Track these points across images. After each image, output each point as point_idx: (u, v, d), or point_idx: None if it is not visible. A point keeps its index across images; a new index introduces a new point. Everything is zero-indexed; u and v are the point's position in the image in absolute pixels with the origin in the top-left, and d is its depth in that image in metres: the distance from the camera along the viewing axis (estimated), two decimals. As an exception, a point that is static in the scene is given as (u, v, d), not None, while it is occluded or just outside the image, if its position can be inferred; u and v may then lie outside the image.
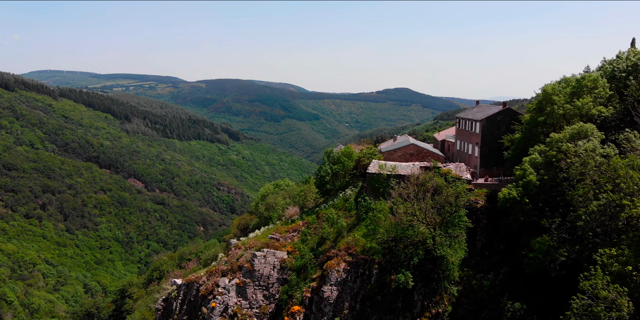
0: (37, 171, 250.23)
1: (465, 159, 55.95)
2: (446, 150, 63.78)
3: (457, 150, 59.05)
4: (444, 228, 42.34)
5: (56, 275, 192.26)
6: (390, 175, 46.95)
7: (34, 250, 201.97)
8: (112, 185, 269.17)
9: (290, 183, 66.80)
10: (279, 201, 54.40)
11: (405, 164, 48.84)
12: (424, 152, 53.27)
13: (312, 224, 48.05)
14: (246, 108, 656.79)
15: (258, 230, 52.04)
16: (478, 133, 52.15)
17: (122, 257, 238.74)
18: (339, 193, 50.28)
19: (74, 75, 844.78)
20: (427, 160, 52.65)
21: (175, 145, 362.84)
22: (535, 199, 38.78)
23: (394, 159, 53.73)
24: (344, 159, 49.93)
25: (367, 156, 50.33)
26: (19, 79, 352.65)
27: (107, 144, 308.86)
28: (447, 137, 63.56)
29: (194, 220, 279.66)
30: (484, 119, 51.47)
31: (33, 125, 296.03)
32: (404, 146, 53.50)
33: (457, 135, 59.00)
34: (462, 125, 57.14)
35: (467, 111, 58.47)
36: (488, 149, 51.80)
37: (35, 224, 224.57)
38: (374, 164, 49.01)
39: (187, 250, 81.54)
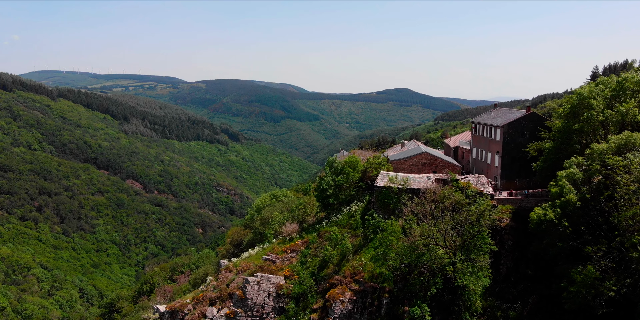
0: (34, 173, 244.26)
1: (483, 169, 49.79)
2: (460, 158, 57.59)
3: (473, 159, 52.88)
4: (465, 252, 36.24)
5: (51, 279, 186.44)
6: (401, 189, 40.78)
7: (29, 254, 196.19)
8: (110, 187, 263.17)
9: (289, 193, 60.65)
10: (275, 215, 48.34)
11: (419, 176, 42.62)
12: (437, 162, 47.14)
13: (312, 243, 41.93)
14: (246, 108, 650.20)
15: (252, 249, 45.88)
16: (499, 140, 46.01)
17: (119, 260, 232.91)
18: (343, 208, 44.16)
19: (74, 76, 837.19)
20: (442, 170, 46.51)
21: (175, 146, 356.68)
22: (575, 220, 32.75)
23: (404, 168, 47.57)
24: (349, 170, 43.81)
25: (375, 166, 44.17)
26: (17, 79, 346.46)
27: (105, 145, 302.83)
28: (461, 143, 57.35)
29: (193, 222, 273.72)
30: (505, 125, 45.31)
31: (30, 126, 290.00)
32: (415, 155, 47.33)
33: (473, 142, 52.81)
34: (479, 131, 50.96)
35: (485, 115, 52.27)
36: (510, 158, 45.68)
37: (31, 227, 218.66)
38: (383, 175, 42.82)
39: (180, 261, 75.40)
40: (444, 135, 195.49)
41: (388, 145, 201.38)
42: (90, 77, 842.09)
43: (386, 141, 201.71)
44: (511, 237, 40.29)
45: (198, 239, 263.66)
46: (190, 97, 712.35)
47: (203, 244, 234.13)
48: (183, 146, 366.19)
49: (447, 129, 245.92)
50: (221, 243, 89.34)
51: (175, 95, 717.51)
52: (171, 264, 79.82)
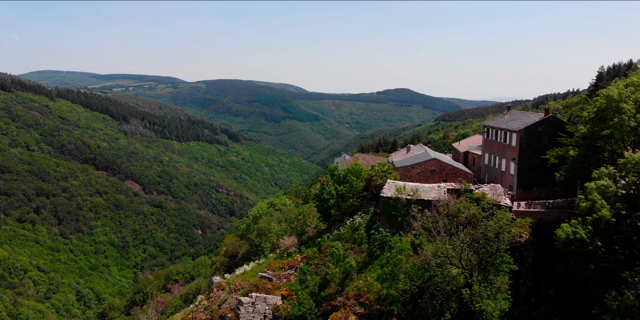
0: (31, 174, 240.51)
1: (497, 177, 45.92)
2: (470, 164, 53.63)
3: (485, 165, 48.97)
4: (482, 272, 32.42)
5: (48, 282, 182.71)
6: (410, 201, 36.88)
7: (26, 256, 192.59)
8: (108, 188, 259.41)
9: (287, 201, 56.61)
10: (272, 227, 44.45)
11: (429, 186, 38.72)
12: (447, 169, 43.28)
13: (312, 259, 38.10)
14: (246, 109, 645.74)
15: (247, 264, 42.02)
16: (515, 146, 42.12)
17: (118, 262, 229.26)
18: (346, 220, 40.30)
19: (74, 76, 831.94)
20: (453, 179, 42.65)
21: (174, 147, 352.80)
22: (608, 239, 28.95)
23: (412, 176, 43.70)
24: (352, 179, 39.95)
25: (380, 175, 40.30)
26: (16, 79, 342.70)
27: (104, 146, 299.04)
28: (472, 148, 53.35)
29: (192, 224, 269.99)
30: (522, 130, 41.41)
31: (29, 126, 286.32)
32: (423, 161, 43.44)
33: (486, 147, 48.88)
34: (492, 135, 47.04)
35: (498, 119, 48.29)
36: (527, 165, 41.78)
37: (28, 229, 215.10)
38: (390, 185, 38.91)
39: (174, 269, 71.55)
40: (445, 136, 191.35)
41: (389, 147, 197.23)
42: (90, 77, 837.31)
43: (387, 142, 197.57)
44: (531, 254, 36.40)
45: (197, 241, 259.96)
46: (190, 98, 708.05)
47: (202, 246, 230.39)
48: (182, 147, 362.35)
49: (448, 130, 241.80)
50: (217, 251, 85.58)
51: (175, 96, 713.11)
52: (165, 272, 76.01)
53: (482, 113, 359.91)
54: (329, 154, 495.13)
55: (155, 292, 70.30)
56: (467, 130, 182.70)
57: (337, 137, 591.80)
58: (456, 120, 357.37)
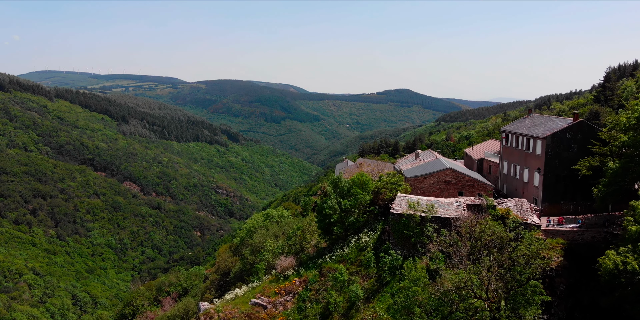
0: (28, 175, 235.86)
1: (517, 188, 41.01)
2: (485, 173, 48.68)
3: (503, 175, 44.06)
4: (510, 304, 27.56)
5: (43, 286, 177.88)
6: (425, 219, 31.92)
7: (21, 259, 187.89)
8: (106, 189, 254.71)
9: (285, 213, 51.57)
10: (268, 244, 39.56)
11: (446, 201, 33.77)
12: (464, 180, 38.41)
13: (312, 283, 33.23)
14: (246, 109, 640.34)
15: (239, 287, 37.15)
16: (540, 155, 37.21)
17: (115, 264, 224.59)
18: (351, 238, 35.43)
19: (74, 76, 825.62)
20: (470, 191, 37.76)
21: (173, 147, 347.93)
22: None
23: (424, 187, 38.81)
24: (357, 191, 35.07)
25: (389, 187, 35.43)
26: (14, 79, 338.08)
27: (102, 146, 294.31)
28: (487, 155, 48.35)
29: (191, 225, 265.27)
30: (548, 137, 36.49)
31: (27, 127, 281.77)
32: (437, 171, 38.55)
33: (504, 155, 43.95)
34: (512, 142, 42.12)
35: (518, 124, 43.30)
36: (554, 177, 36.87)
37: (24, 231, 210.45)
38: (401, 199, 33.96)
39: (167, 280, 66.70)
40: (448, 138, 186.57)
41: (391, 148, 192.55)
42: (90, 78, 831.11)
43: (389, 144, 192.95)
44: (564, 281, 31.40)
45: (196, 243, 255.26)
46: (190, 98, 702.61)
47: (200, 249, 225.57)
48: (182, 147, 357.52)
49: (450, 131, 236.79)
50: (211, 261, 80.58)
51: (175, 96, 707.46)
52: (157, 283, 71.14)
53: (483, 114, 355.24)
54: (329, 155, 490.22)
55: (146, 306, 65.43)
56: (470, 132, 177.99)
57: (337, 138, 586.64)
58: (457, 121, 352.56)
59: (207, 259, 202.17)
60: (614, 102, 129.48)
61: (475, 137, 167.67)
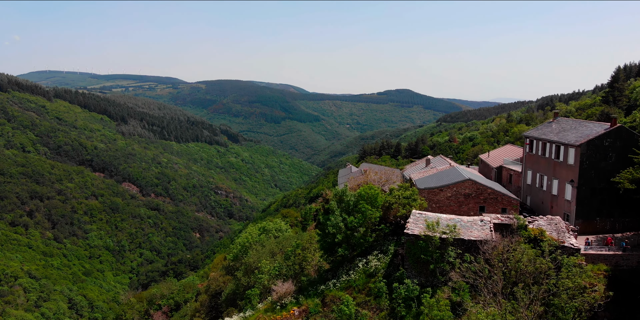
0: (25, 176, 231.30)
1: (544, 201, 36.21)
2: (505, 182, 43.79)
3: (527, 186, 39.23)
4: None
5: (39, 289, 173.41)
6: (446, 241, 27.07)
7: (17, 262, 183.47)
8: (104, 190, 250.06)
9: (283, 226, 46.40)
10: (263, 265, 34.76)
11: (469, 220, 28.92)
12: (486, 193, 33.58)
13: (314, 314, 28.47)
14: (246, 109, 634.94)
15: (230, 316, 32.50)
16: (572, 164, 32.44)
17: (113, 266, 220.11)
18: (358, 261, 30.64)
19: (74, 76, 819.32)
20: (493, 205, 32.96)
21: (173, 148, 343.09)
22: None
23: (440, 201, 34.02)
24: (365, 207, 30.28)
25: (402, 202, 30.61)
26: (13, 79, 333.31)
27: (101, 147, 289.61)
28: (507, 163, 43.42)
29: (190, 227, 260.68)
30: (583, 144, 31.69)
31: (25, 127, 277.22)
32: (455, 182, 33.73)
33: (528, 163, 39.09)
34: (538, 149, 37.30)
35: (544, 128, 38.37)
36: (589, 190, 32.10)
37: (21, 233, 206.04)
38: (417, 218, 29.10)
39: (158, 292, 61.98)
40: (451, 139, 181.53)
41: (392, 150, 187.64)
42: (90, 78, 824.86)
43: (390, 145, 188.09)
44: (608, 315, 26.51)
45: (195, 244, 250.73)
46: (190, 98, 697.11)
47: (199, 251, 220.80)
48: (181, 148, 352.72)
49: (452, 132, 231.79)
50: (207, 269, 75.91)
51: (175, 96, 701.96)
52: (149, 295, 66.43)
53: (484, 114, 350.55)
54: (330, 155, 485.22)
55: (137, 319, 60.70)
56: (473, 133, 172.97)
57: (337, 138, 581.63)
58: (458, 121, 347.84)
59: (205, 261, 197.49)
60: (622, 103, 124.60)
61: (479, 139, 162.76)
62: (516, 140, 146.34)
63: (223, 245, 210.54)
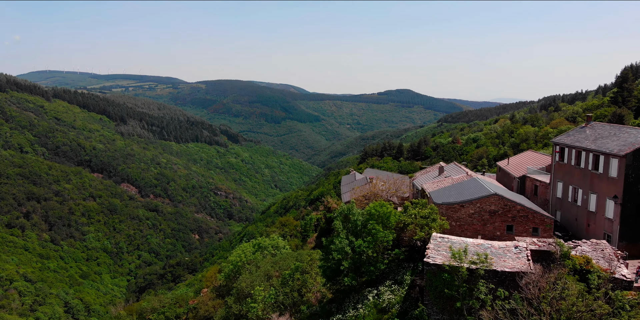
0: (22, 177, 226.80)
1: (579, 218, 31.48)
2: (529, 194, 38.92)
3: (556, 199, 34.44)
4: None
5: (34, 293, 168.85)
6: (474, 273, 22.26)
7: (13, 264, 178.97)
8: (103, 192, 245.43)
9: (280, 242, 41.18)
10: (257, 292, 29.99)
11: (501, 246, 24.12)
12: (515, 210, 28.81)
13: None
14: (246, 109, 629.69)
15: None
16: (615, 177, 27.71)
17: (111, 269, 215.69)
18: (367, 292, 25.85)
19: (74, 76, 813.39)
20: (524, 224, 28.23)
21: (172, 148, 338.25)
22: None
23: (461, 218, 29.29)
24: (376, 228, 25.49)
25: (420, 223, 25.74)
26: (12, 79, 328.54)
27: (100, 147, 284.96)
28: (531, 172, 38.52)
29: (189, 228, 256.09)
30: (629, 154, 26.95)
31: (23, 127, 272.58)
32: (479, 197, 28.96)
33: (558, 174, 34.29)
34: (571, 157, 32.53)
35: (577, 134, 33.40)
36: (635, 207, 27.34)
37: (17, 235, 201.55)
38: (438, 243, 24.27)
39: (149, 305, 57.23)
40: (455, 140, 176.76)
41: (394, 151, 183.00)
42: (90, 78, 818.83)
43: (392, 146, 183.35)
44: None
45: (194, 246, 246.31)
46: (190, 98, 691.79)
47: (197, 254, 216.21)
48: (181, 148, 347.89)
49: (454, 132, 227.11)
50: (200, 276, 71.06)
51: (175, 96, 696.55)
52: (139, 308, 61.71)
53: (485, 114, 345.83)
54: (330, 155, 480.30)
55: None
56: (477, 134, 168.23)
57: (338, 138, 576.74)
58: (459, 121, 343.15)
59: (204, 264, 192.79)
60: (631, 104, 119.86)
61: (483, 140, 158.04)
62: (522, 142, 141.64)
63: (222, 248, 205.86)
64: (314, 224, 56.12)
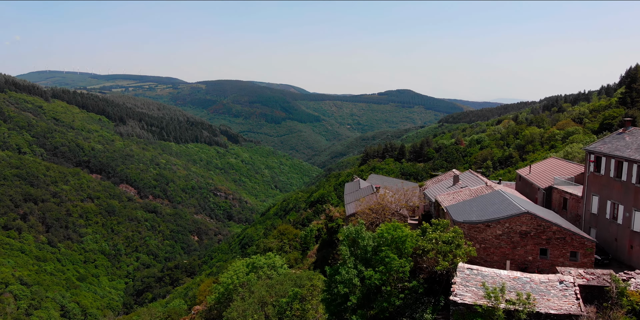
0: (19, 178, 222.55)
1: (620, 238, 27.23)
2: (556, 208, 34.56)
3: (591, 215, 30.13)
4: None
5: (30, 296, 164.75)
6: (515, 316, 17.99)
7: (9, 267, 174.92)
8: (101, 193, 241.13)
9: (277, 261, 35.94)
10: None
11: (543, 280, 19.78)
12: (550, 231, 24.48)
13: None
14: (246, 109, 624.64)
15: None
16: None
17: (108, 271, 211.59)
18: (380, 331, 21.60)
19: (74, 76, 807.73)
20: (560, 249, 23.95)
21: (172, 149, 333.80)
22: None
23: (487, 240, 25.01)
24: (389, 256, 21.06)
25: (442, 250, 21.19)
26: (10, 79, 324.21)
27: (98, 148, 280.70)
28: (558, 183, 34.05)
29: (188, 230, 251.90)
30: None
31: (21, 128, 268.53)
32: (508, 216, 24.64)
33: (593, 186, 29.99)
34: (610, 168, 28.26)
35: (615, 141, 29.01)
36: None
37: (14, 237, 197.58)
38: (467, 276, 19.95)
39: (139, 319, 52.98)
40: (458, 142, 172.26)
41: (396, 152, 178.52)
42: (90, 78, 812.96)
43: (394, 147, 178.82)
44: None
45: (193, 248, 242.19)
46: (190, 98, 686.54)
47: (196, 257, 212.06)
48: (181, 148, 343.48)
49: (456, 133, 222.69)
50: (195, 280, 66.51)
51: (175, 96, 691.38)
52: None
53: (486, 115, 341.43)
54: (330, 156, 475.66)
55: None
56: (481, 135, 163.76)
57: (338, 139, 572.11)
58: (460, 122, 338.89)
59: (202, 267, 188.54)
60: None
61: (487, 141, 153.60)
62: (527, 144, 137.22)
63: (221, 251, 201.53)
64: (315, 234, 51.89)
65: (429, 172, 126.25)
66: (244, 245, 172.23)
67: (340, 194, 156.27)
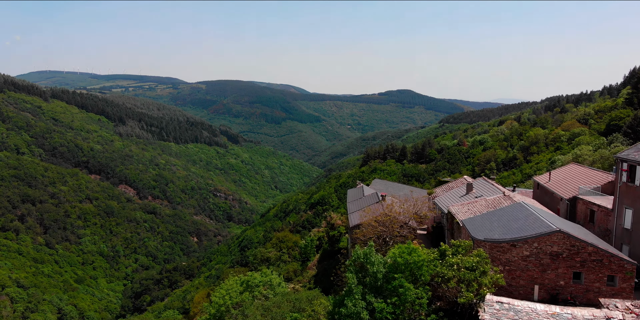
0: (17, 179, 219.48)
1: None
2: (581, 220, 31.29)
3: (624, 231, 26.80)
4: None
5: (26, 299, 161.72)
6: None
7: (6, 269, 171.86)
8: (99, 194, 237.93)
9: (275, 279, 32.19)
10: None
11: (586, 317, 16.53)
12: (585, 252, 21.22)
13: None
14: (246, 110, 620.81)
15: None
16: None
17: (107, 273, 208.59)
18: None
19: (74, 76, 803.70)
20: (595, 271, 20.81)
21: (171, 149, 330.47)
22: None
23: (513, 262, 21.80)
24: (404, 286, 17.62)
25: (466, 278, 17.68)
26: (9, 79, 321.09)
27: (97, 148, 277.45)
28: (584, 192, 30.78)
29: (187, 231, 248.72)
30: None
31: (20, 128, 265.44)
32: (537, 235, 21.39)
33: (627, 199, 26.71)
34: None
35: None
36: None
37: (11, 238, 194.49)
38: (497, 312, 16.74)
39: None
40: (460, 143, 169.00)
41: (398, 153, 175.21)
42: (90, 78, 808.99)
43: (395, 148, 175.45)
44: None
45: (192, 249, 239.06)
46: (190, 98, 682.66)
47: (195, 259, 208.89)
48: (180, 149, 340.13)
49: (457, 133, 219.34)
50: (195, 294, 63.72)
51: (175, 96, 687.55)
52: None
53: (487, 115, 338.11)
54: (331, 156, 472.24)
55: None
56: (484, 136, 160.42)
57: (338, 139, 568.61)
58: (461, 122, 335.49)
59: (201, 269, 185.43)
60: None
61: (490, 142, 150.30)
62: (532, 145, 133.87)
63: (220, 253, 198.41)
64: (316, 244, 48.77)
65: (432, 174, 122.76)
66: (243, 247, 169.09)
67: (341, 196, 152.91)
